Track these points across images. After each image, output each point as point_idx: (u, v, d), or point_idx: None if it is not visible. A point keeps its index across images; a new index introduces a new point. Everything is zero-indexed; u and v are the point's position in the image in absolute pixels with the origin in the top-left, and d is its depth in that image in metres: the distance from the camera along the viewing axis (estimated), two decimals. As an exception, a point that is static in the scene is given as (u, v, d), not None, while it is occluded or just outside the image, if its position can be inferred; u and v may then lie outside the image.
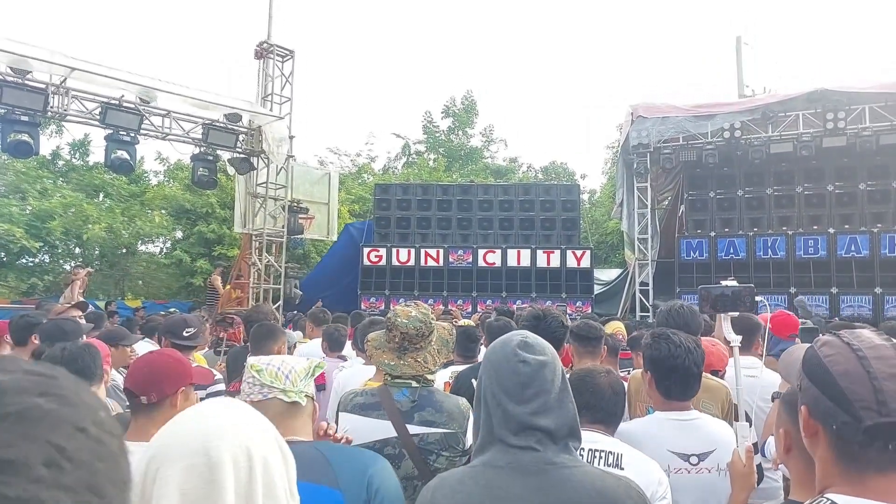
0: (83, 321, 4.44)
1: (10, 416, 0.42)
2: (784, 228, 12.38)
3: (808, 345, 1.22)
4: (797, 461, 1.25)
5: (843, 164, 12.19)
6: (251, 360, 1.63)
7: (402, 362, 2.23)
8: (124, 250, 19.05)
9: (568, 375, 1.45)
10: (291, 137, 12.08)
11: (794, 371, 1.20)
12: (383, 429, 2.14)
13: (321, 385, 4.55)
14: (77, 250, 18.94)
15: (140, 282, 20.30)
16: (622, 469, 1.85)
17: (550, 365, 1.36)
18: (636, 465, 1.88)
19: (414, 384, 2.22)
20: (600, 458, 1.92)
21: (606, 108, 53.55)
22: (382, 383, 2.29)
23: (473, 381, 3.20)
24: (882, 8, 49.64)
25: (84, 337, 3.39)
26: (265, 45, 12.05)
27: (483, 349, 4.09)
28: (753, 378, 2.91)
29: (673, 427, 2.18)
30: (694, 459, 2.12)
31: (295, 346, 5.61)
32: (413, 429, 2.13)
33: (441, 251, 13.24)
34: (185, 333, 3.63)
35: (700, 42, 53.73)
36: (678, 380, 2.21)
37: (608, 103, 47.13)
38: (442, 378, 3.31)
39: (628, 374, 4.94)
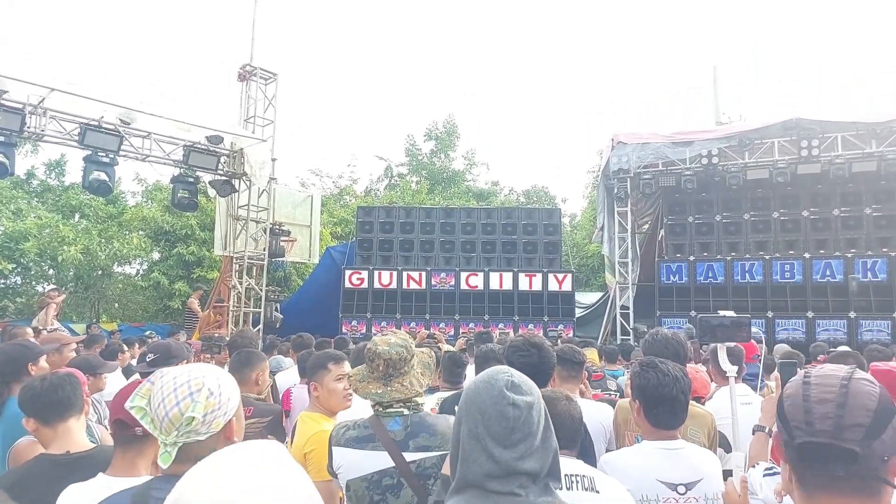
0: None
1: None
2: (761, 253, 12.59)
3: None
4: None
5: (817, 191, 12.48)
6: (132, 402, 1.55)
7: (390, 388, 2.22)
8: (100, 272, 18.70)
9: None
10: (274, 160, 12.06)
11: None
12: (380, 460, 2.13)
13: (287, 410, 4.47)
14: (51, 272, 18.54)
15: (116, 304, 19.92)
16: (598, 492, 1.88)
17: (537, 405, 1.33)
18: (608, 488, 1.90)
19: (405, 412, 2.22)
20: (577, 482, 1.94)
21: (587, 134, 54.47)
22: (374, 415, 2.27)
23: (457, 407, 3.18)
24: (852, 39, 51.42)
25: (40, 361, 3.31)
26: (248, 67, 12.08)
27: (468, 375, 4.06)
28: (749, 405, 2.93)
29: (661, 456, 2.19)
30: (682, 489, 2.12)
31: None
32: (409, 456, 2.13)
33: (423, 274, 13.22)
34: (147, 360, 3.59)
35: (678, 70, 55.03)
36: (666, 408, 2.22)
37: (589, 128, 47.87)
38: (428, 405, 3.28)
39: (601, 392, 4.97)
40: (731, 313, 2.29)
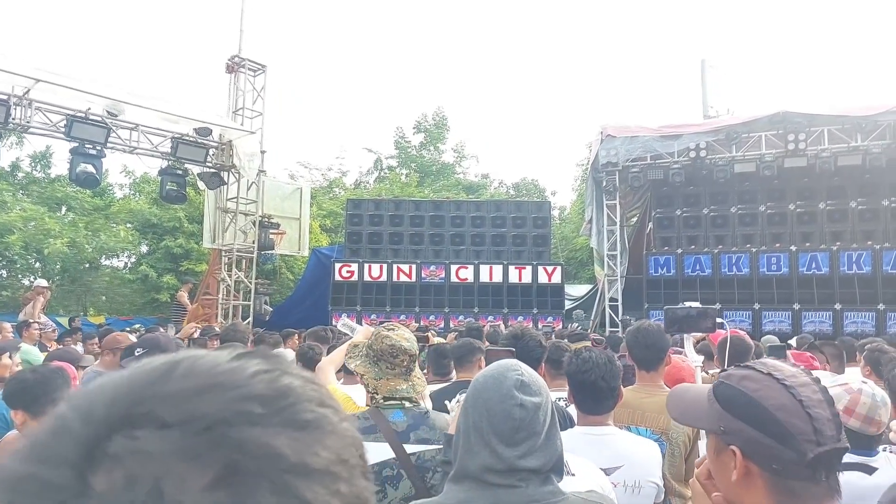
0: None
1: (308, 424, 0.43)
2: (748, 246, 12.71)
3: (705, 385, 1.20)
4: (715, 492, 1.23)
5: (803, 185, 12.60)
6: None
7: (410, 384, 2.24)
8: (87, 265, 18.54)
9: None
10: (262, 152, 12.00)
11: (693, 412, 1.20)
12: (381, 451, 2.13)
13: None
14: (37, 265, 18.37)
15: (103, 297, 19.76)
16: (573, 475, 1.88)
17: (544, 405, 1.32)
18: (583, 470, 1.90)
19: (407, 404, 2.22)
20: None
21: (576, 126, 54.58)
22: (373, 406, 2.25)
23: (447, 402, 3.19)
24: (839, 33, 51.76)
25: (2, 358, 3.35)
26: (236, 59, 11.98)
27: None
28: None
29: (585, 442, 2.22)
30: None
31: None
32: (410, 448, 2.14)
33: (413, 267, 13.23)
34: (135, 354, 3.61)
35: (666, 63, 55.21)
36: (588, 394, 2.29)
37: (577, 121, 47.93)
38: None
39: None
40: (696, 303, 2.33)
